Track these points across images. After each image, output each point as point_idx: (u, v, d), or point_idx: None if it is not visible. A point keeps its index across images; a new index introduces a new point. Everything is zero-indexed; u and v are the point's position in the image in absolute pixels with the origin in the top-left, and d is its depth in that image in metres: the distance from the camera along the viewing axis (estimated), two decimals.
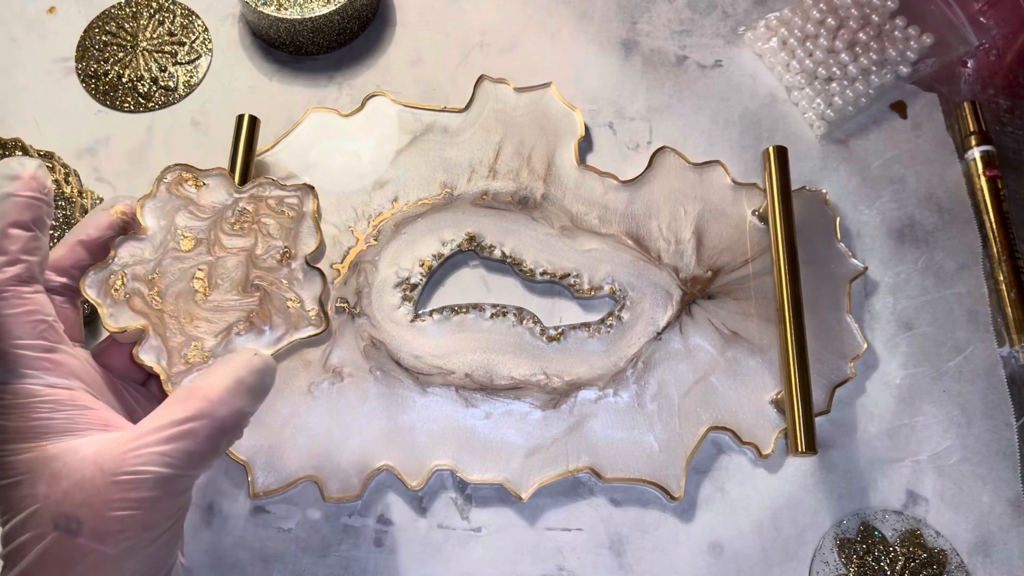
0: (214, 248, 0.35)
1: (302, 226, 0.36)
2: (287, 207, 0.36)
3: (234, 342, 0.34)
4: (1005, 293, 0.48)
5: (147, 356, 0.33)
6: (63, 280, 0.34)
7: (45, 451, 0.29)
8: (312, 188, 0.36)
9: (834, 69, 0.52)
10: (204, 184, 0.36)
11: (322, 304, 0.35)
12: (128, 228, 0.35)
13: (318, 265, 0.36)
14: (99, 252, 0.34)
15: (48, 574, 0.28)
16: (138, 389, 0.36)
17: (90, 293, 0.34)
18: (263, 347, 0.34)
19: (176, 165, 0.36)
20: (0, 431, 0.30)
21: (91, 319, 0.45)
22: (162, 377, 0.33)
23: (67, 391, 0.30)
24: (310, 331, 0.35)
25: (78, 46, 0.53)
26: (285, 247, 0.35)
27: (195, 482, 0.31)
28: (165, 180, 0.35)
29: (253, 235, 0.35)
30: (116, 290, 0.34)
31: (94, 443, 0.29)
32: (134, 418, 0.33)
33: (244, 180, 0.45)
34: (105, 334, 0.35)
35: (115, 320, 0.33)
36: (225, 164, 0.46)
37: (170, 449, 0.29)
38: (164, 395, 0.33)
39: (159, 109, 0.51)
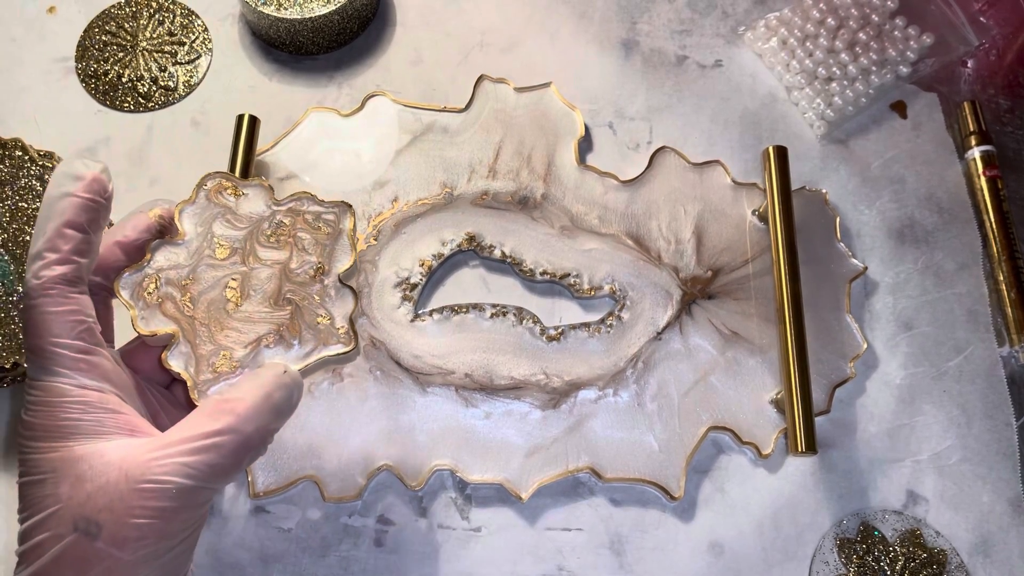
0: (249, 259, 0.35)
1: (337, 243, 0.36)
2: (324, 223, 0.36)
3: (263, 354, 0.34)
4: (1005, 293, 0.48)
5: (176, 362, 0.33)
6: (97, 279, 0.34)
7: (72, 452, 0.29)
8: (350, 206, 0.36)
9: (834, 69, 0.52)
10: (243, 194, 0.36)
11: (352, 322, 0.35)
12: (165, 232, 0.35)
13: (351, 283, 0.36)
14: (135, 254, 0.34)
15: (63, 575, 0.28)
16: (162, 392, 0.35)
17: (124, 295, 0.33)
18: (291, 362, 0.34)
19: (216, 173, 0.36)
20: (27, 427, 0.30)
21: None
22: (189, 384, 0.33)
23: (98, 393, 0.30)
24: (339, 349, 0.34)
25: (78, 46, 0.53)
26: (319, 263, 0.35)
27: (215, 496, 0.31)
28: (205, 187, 0.35)
29: (288, 249, 0.35)
30: (149, 293, 0.33)
31: (120, 448, 0.29)
32: (157, 421, 0.33)
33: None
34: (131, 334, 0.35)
35: (146, 324, 0.33)
36: (225, 163, 0.46)
37: (194, 461, 0.29)
38: (188, 399, 0.33)
39: (159, 109, 0.51)
